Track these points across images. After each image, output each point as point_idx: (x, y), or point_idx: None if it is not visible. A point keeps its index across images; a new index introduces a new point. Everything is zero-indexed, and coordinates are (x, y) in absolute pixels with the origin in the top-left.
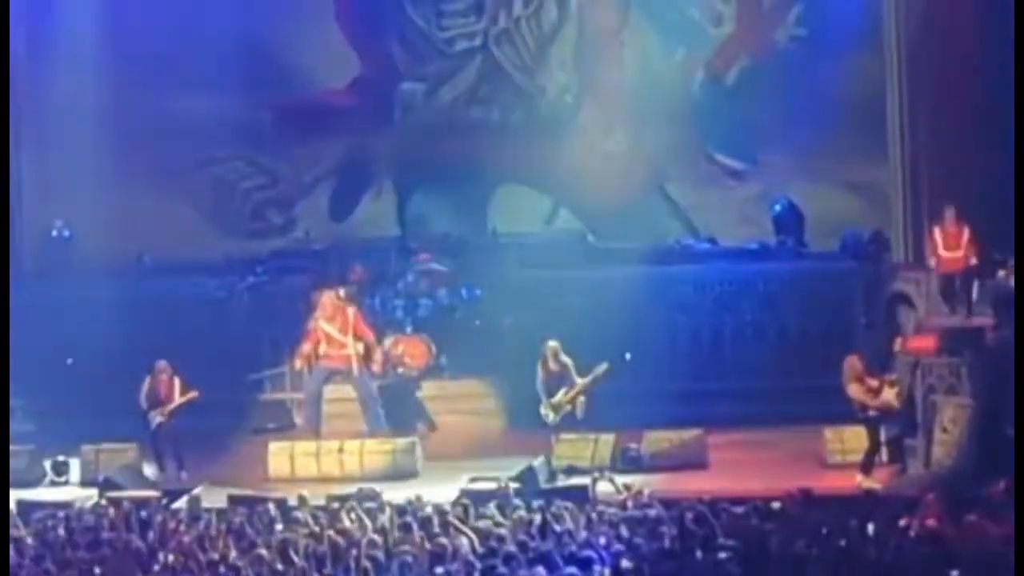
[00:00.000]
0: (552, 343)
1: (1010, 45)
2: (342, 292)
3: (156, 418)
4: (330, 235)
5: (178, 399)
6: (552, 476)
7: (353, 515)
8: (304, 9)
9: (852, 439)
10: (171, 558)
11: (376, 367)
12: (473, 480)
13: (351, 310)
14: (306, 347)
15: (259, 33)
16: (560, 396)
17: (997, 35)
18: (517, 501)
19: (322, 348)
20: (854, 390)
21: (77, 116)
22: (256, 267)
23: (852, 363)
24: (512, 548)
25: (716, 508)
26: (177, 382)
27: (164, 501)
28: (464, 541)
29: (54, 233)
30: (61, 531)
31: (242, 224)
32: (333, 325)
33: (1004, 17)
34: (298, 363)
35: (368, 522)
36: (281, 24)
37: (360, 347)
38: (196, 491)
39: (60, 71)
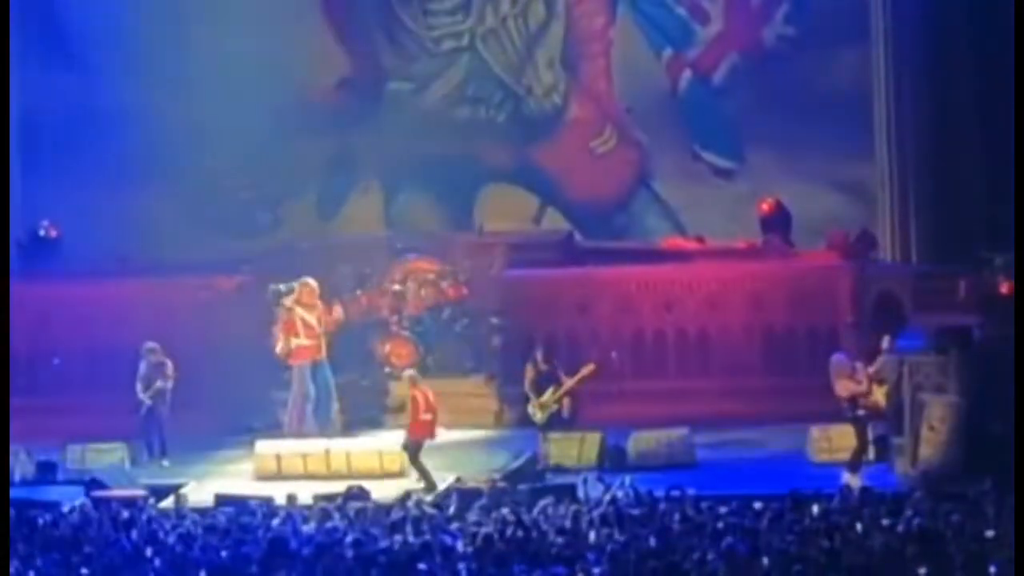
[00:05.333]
0: (543, 348)
1: (1000, 45)
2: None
3: (145, 400)
4: (317, 234)
5: (168, 382)
6: (539, 475)
7: (340, 514)
8: (291, 8)
9: (839, 438)
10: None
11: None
12: (460, 479)
13: (320, 303)
14: (283, 336)
15: (247, 32)
16: (548, 395)
17: (984, 34)
18: (504, 500)
19: (294, 340)
20: (843, 387)
21: (63, 115)
22: (243, 266)
23: (838, 361)
24: (499, 547)
25: (703, 507)
26: (170, 363)
27: (151, 500)
28: (451, 540)
29: (40, 233)
30: (48, 531)
31: (229, 223)
32: (312, 314)
33: (992, 16)
34: (279, 348)
35: (355, 521)
36: (269, 23)
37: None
38: (183, 490)
39: (47, 71)
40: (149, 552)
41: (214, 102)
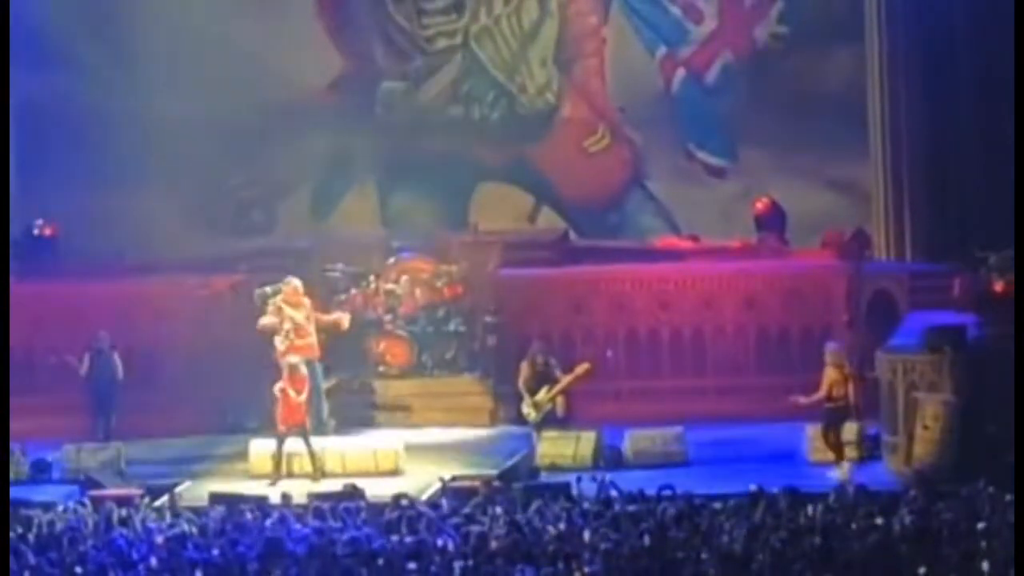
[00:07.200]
0: (542, 347)
1: (995, 42)
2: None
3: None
4: (312, 233)
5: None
6: (534, 474)
7: (335, 513)
8: (285, 8)
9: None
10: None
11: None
12: (455, 478)
13: (307, 301)
14: (280, 339)
15: (241, 31)
16: (542, 394)
17: (980, 31)
18: (498, 499)
19: (282, 342)
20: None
21: (59, 114)
22: (239, 265)
23: (836, 350)
24: (493, 546)
25: (697, 506)
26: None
27: (146, 499)
28: (445, 540)
29: (35, 232)
30: (43, 530)
31: (225, 222)
32: (300, 313)
33: (988, 13)
34: (282, 360)
35: (350, 520)
36: (263, 22)
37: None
38: (178, 489)
39: (43, 70)
40: (144, 551)
41: (209, 101)
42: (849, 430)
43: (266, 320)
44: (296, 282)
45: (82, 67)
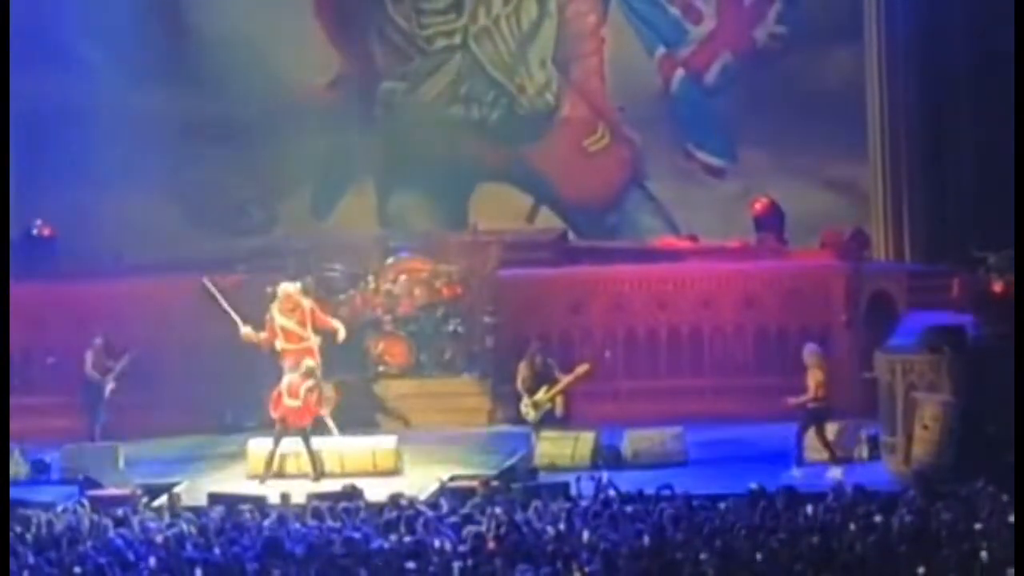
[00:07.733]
0: (541, 347)
1: (994, 42)
2: (298, 285)
3: (109, 385)
4: (311, 233)
5: (120, 363)
6: (533, 474)
7: (334, 513)
8: (284, 8)
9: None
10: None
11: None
12: (453, 478)
13: (307, 303)
14: (262, 335)
15: (241, 31)
16: (541, 394)
17: (978, 31)
18: (497, 499)
19: (278, 344)
20: (811, 376)
21: (57, 113)
22: (238, 265)
23: (815, 351)
24: (491, 546)
25: (695, 506)
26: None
27: (144, 500)
28: (444, 539)
29: (34, 232)
30: (42, 530)
31: (224, 222)
32: (291, 319)
33: (986, 13)
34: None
35: (348, 520)
36: (262, 22)
37: (318, 340)
38: (176, 489)
39: (43, 70)
40: (143, 551)
41: (208, 101)
42: (830, 430)
43: (251, 333)
44: (290, 287)
45: (82, 67)
